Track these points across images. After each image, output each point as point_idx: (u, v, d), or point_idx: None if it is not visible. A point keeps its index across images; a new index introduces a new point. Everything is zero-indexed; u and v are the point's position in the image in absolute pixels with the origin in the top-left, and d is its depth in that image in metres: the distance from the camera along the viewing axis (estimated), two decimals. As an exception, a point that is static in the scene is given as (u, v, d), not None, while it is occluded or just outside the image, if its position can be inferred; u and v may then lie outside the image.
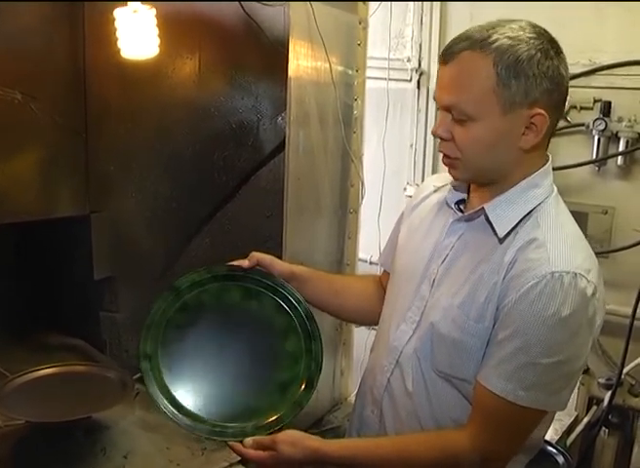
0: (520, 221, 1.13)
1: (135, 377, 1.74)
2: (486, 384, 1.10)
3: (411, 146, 2.83)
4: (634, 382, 2.31)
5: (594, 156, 2.33)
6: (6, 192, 1.88)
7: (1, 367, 1.94)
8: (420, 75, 2.77)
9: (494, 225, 1.14)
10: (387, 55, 2.75)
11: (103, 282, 2.20)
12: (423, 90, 2.77)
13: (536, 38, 1.08)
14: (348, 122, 1.93)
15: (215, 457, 1.71)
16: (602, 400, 2.35)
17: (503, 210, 1.14)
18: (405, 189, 2.85)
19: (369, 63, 2.06)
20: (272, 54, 1.82)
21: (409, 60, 2.78)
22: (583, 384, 2.38)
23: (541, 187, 1.15)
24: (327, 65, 1.76)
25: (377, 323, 1.40)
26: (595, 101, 2.33)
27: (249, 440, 1.18)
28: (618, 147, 2.29)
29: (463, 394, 1.17)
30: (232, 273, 1.33)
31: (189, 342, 1.30)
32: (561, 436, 2.18)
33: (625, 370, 2.27)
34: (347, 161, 1.96)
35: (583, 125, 2.33)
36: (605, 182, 2.37)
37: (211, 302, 1.33)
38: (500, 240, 1.14)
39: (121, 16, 1.75)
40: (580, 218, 2.31)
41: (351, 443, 1.28)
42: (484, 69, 1.06)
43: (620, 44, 2.27)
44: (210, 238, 2.11)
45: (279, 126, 1.92)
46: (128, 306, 2.22)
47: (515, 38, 1.07)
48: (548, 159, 1.18)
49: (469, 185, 1.24)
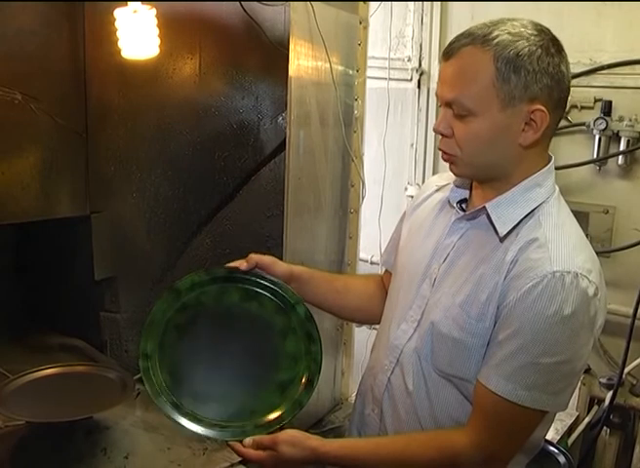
0: (521, 221, 1.13)
1: (135, 378, 1.74)
2: (486, 384, 1.10)
3: (411, 146, 2.83)
4: (635, 382, 2.31)
5: (595, 155, 2.33)
6: (6, 193, 1.88)
7: (1, 367, 1.94)
8: (421, 75, 2.76)
9: (495, 224, 1.14)
10: (388, 54, 2.75)
11: (104, 282, 2.20)
12: (424, 89, 2.77)
13: (537, 35, 1.08)
14: (349, 122, 1.93)
15: (216, 457, 1.71)
16: (603, 400, 2.34)
17: (505, 209, 1.14)
18: (406, 189, 2.85)
19: (369, 63, 2.06)
20: (273, 54, 1.82)
21: (409, 60, 2.77)
22: (585, 384, 2.38)
23: (543, 187, 1.15)
24: (327, 65, 1.76)
25: (378, 322, 1.40)
26: (596, 101, 2.33)
27: (249, 440, 1.18)
28: (618, 147, 2.29)
29: (464, 394, 1.17)
30: (231, 275, 1.33)
31: (189, 343, 1.30)
32: (562, 436, 2.18)
33: (627, 370, 2.26)
34: (348, 161, 1.96)
35: (584, 124, 2.33)
36: (606, 182, 2.37)
37: (210, 303, 1.33)
38: (501, 239, 1.14)
39: (121, 16, 1.75)
40: (581, 218, 2.31)
41: (351, 442, 1.28)
42: (484, 64, 1.06)
43: (621, 43, 2.27)
44: (210, 238, 2.11)
45: (279, 126, 1.92)
46: (128, 306, 2.22)
47: (516, 34, 1.07)
48: (551, 159, 1.18)
49: (471, 184, 1.24)
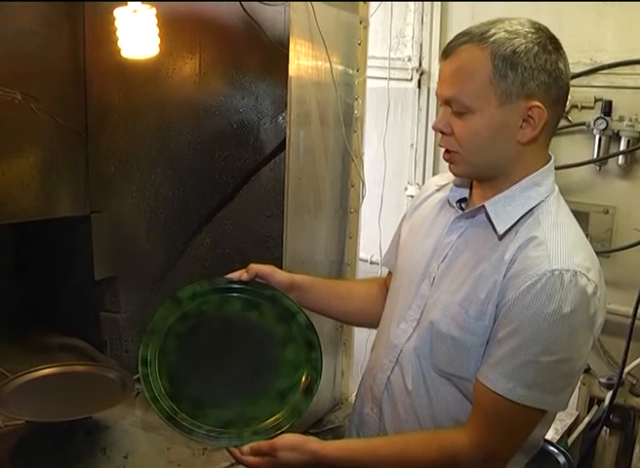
0: (520, 219, 1.13)
1: (135, 377, 1.74)
2: (486, 383, 1.09)
3: (412, 146, 2.83)
4: (635, 382, 2.30)
5: (595, 155, 2.33)
6: (6, 192, 1.88)
7: (1, 367, 1.95)
8: (421, 75, 2.76)
9: (493, 222, 1.14)
10: (388, 54, 2.75)
11: (104, 282, 2.20)
12: (424, 89, 2.77)
13: (534, 33, 1.09)
14: (349, 121, 1.93)
15: (215, 457, 1.71)
16: (603, 399, 2.34)
17: (504, 207, 1.14)
18: (406, 189, 2.85)
19: (369, 63, 2.06)
20: (273, 53, 1.82)
21: (409, 60, 2.77)
22: (584, 384, 2.38)
23: (543, 186, 1.15)
24: (327, 65, 1.76)
25: None
26: (596, 101, 2.33)
27: (246, 447, 1.17)
28: (619, 146, 2.29)
29: (463, 393, 1.17)
30: (232, 285, 1.34)
31: (189, 350, 1.30)
32: (562, 436, 2.18)
33: (626, 370, 2.26)
34: (348, 161, 1.96)
35: (584, 124, 2.33)
36: (606, 182, 2.37)
37: (211, 313, 1.33)
38: (500, 237, 1.14)
39: (121, 16, 1.75)
40: (581, 218, 2.31)
41: (350, 444, 1.27)
42: (481, 61, 1.07)
43: (621, 43, 2.27)
44: (210, 238, 2.11)
45: (280, 126, 1.93)
46: (128, 306, 2.22)
47: (513, 32, 1.08)
48: (550, 158, 1.18)
49: (471, 184, 1.24)
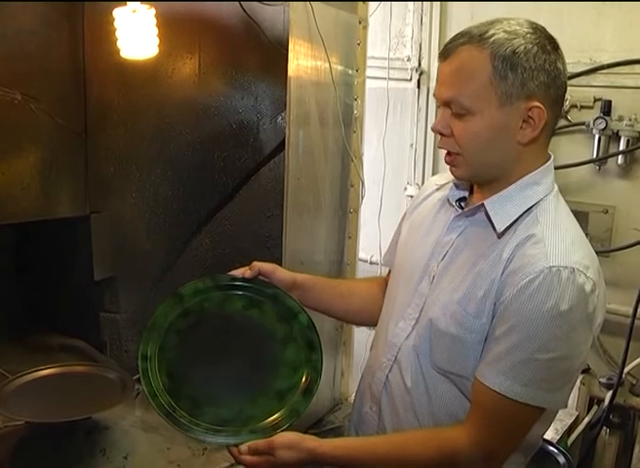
0: (519, 218, 1.13)
1: (135, 378, 1.74)
2: (484, 380, 1.10)
3: (411, 146, 2.83)
4: (635, 382, 2.30)
5: (595, 155, 2.33)
6: (6, 193, 1.88)
7: (1, 367, 1.94)
8: (421, 75, 2.76)
9: (493, 221, 1.14)
10: (387, 54, 2.75)
11: (104, 282, 2.20)
12: (424, 89, 2.76)
13: (532, 33, 1.09)
14: (348, 122, 1.93)
15: (215, 457, 1.71)
16: (603, 399, 2.34)
17: (503, 205, 1.14)
18: (405, 189, 2.85)
19: (369, 63, 2.06)
20: (272, 53, 1.82)
21: (409, 60, 2.77)
22: (584, 384, 2.37)
23: (542, 185, 1.15)
24: (327, 65, 1.76)
25: None
26: (596, 100, 2.32)
27: (244, 447, 1.17)
28: (618, 146, 2.28)
29: (462, 391, 1.17)
30: (235, 282, 1.34)
31: (189, 347, 1.30)
32: (562, 436, 2.18)
33: (626, 370, 2.26)
34: (347, 161, 1.96)
35: (584, 124, 2.33)
36: (605, 181, 2.37)
37: (213, 310, 1.33)
38: (499, 236, 1.14)
39: (120, 16, 1.75)
40: (581, 218, 2.30)
41: (348, 442, 1.27)
42: (481, 62, 1.07)
43: (621, 43, 2.27)
44: (210, 238, 2.11)
45: (279, 126, 1.93)
46: (128, 307, 2.22)
47: (512, 32, 1.08)
48: (550, 158, 1.18)
49: (471, 183, 1.24)
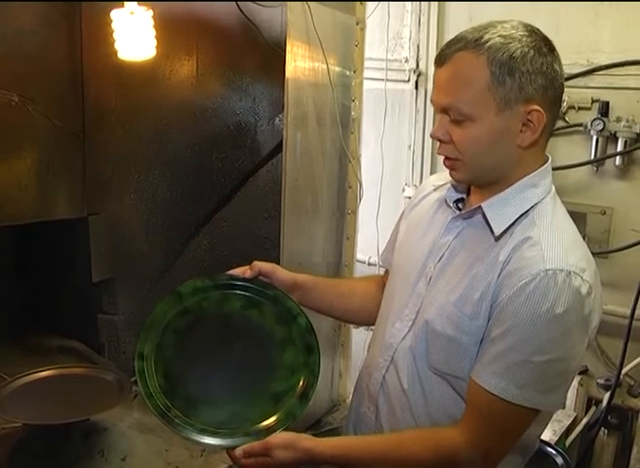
0: (517, 220, 1.13)
1: (132, 379, 1.74)
2: (479, 381, 1.10)
3: (409, 147, 2.83)
4: (633, 383, 2.31)
5: (592, 156, 2.33)
6: (4, 194, 1.88)
7: (-1, 369, 1.94)
8: (418, 76, 2.76)
9: (490, 223, 1.14)
10: (385, 55, 2.75)
11: (102, 284, 2.19)
12: (421, 90, 2.77)
13: (528, 36, 1.09)
14: (346, 123, 1.93)
15: (214, 459, 1.70)
16: (601, 400, 2.34)
17: (500, 208, 1.14)
18: (403, 190, 2.85)
19: (366, 64, 2.06)
20: (270, 55, 1.82)
21: (407, 61, 2.77)
22: (582, 385, 2.38)
23: (539, 187, 1.15)
24: (324, 66, 1.76)
25: None
26: (593, 101, 2.33)
27: (239, 450, 1.17)
28: (616, 147, 2.29)
29: (458, 391, 1.17)
30: (234, 282, 1.33)
31: (186, 347, 1.30)
32: (560, 437, 2.18)
33: (624, 371, 2.26)
34: (345, 162, 1.96)
35: (581, 125, 2.33)
36: (603, 183, 2.37)
37: (211, 309, 1.32)
38: (497, 238, 1.14)
39: (118, 17, 1.75)
40: (579, 219, 2.31)
41: (344, 441, 1.27)
42: (478, 68, 1.07)
43: (618, 44, 2.27)
44: (208, 239, 2.10)
45: (277, 127, 1.92)
46: (126, 308, 2.22)
47: (508, 36, 1.08)
48: (548, 159, 1.18)
49: (469, 184, 1.24)
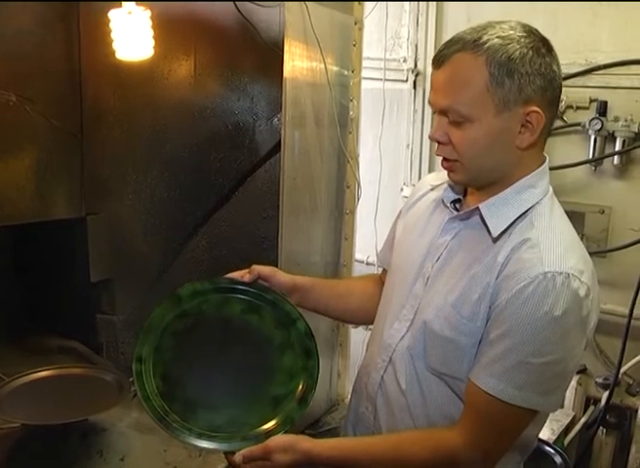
0: (514, 222, 1.13)
1: (131, 379, 1.74)
2: (477, 383, 1.10)
3: (407, 147, 2.83)
4: (632, 382, 2.31)
5: (591, 156, 2.34)
6: (2, 194, 1.88)
7: (-2, 369, 1.94)
8: (417, 76, 2.76)
9: (488, 225, 1.14)
10: (383, 55, 2.75)
11: (100, 284, 2.19)
12: (420, 90, 2.77)
13: (526, 37, 1.08)
14: (344, 123, 1.93)
15: (212, 459, 1.70)
16: (599, 399, 2.34)
17: (498, 209, 1.14)
18: (401, 190, 2.85)
19: (365, 64, 2.06)
20: (268, 55, 1.82)
21: (405, 61, 2.77)
22: (581, 384, 2.38)
23: (537, 188, 1.15)
24: (322, 66, 1.76)
25: None
26: (591, 101, 2.33)
27: (238, 456, 1.17)
28: (614, 147, 2.29)
29: (456, 392, 1.17)
30: (234, 286, 1.32)
31: (185, 350, 1.30)
32: (558, 436, 2.18)
33: (623, 370, 2.27)
34: (343, 162, 1.96)
35: (580, 124, 2.34)
36: (601, 182, 2.37)
37: (210, 313, 1.32)
38: (494, 239, 1.14)
39: (116, 17, 1.75)
40: (577, 218, 2.33)
41: (343, 443, 1.27)
42: (477, 69, 1.06)
43: (616, 44, 2.28)
44: (206, 239, 2.10)
45: (275, 127, 1.92)
46: (125, 308, 2.22)
47: (506, 37, 1.07)
48: (545, 160, 1.18)
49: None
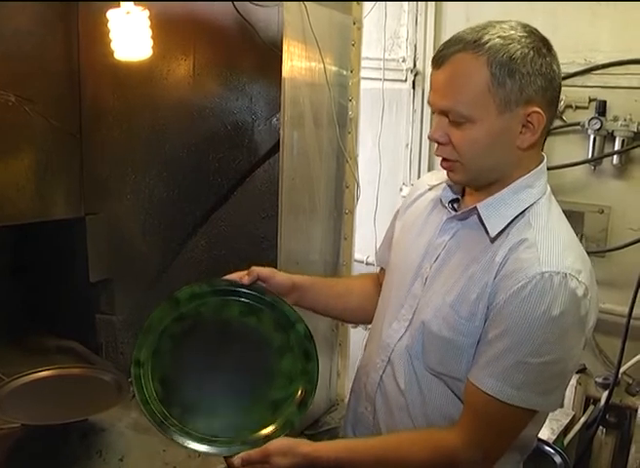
0: (512, 221, 1.13)
1: (130, 380, 1.74)
2: (476, 383, 1.10)
3: (406, 147, 2.83)
4: (631, 381, 2.31)
5: (590, 155, 2.34)
6: (1, 194, 1.88)
7: (-3, 370, 1.94)
8: (416, 75, 2.77)
9: (486, 225, 1.14)
10: (382, 55, 2.75)
11: (100, 284, 2.20)
12: (419, 90, 2.77)
13: (527, 36, 1.08)
14: (343, 123, 1.93)
15: (211, 459, 1.70)
16: (599, 399, 2.34)
17: (496, 209, 1.14)
18: (401, 189, 2.85)
19: (364, 64, 2.06)
20: (266, 55, 1.82)
21: (404, 61, 2.78)
22: (580, 384, 2.38)
23: (535, 187, 1.15)
24: (321, 66, 1.76)
25: None
26: (591, 101, 2.33)
27: (237, 459, 1.16)
28: (613, 146, 2.29)
29: (455, 392, 1.17)
30: (233, 288, 1.32)
31: (184, 353, 1.29)
32: (558, 436, 2.18)
33: (622, 370, 2.27)
34: (342, 161, 1.96)
35: (579, 124, 2.34)
36: (601, 182, 2.37)
37: (209, 315, 1.31)
38: (492, 239, 1.14)
39: (114, 17, 1.75)
40: (576, 218, 2.34)
41: (342, 445, 1.26)
42: (478, 70, 1.06)
43: (615, 43, 2.28)
44: (205, 239, 2.10)
45: (274, 127, 1.92)
46: (124, 308, 2.22)
47: (507, 37, 1.07)
48: (543, 159, 1.18)
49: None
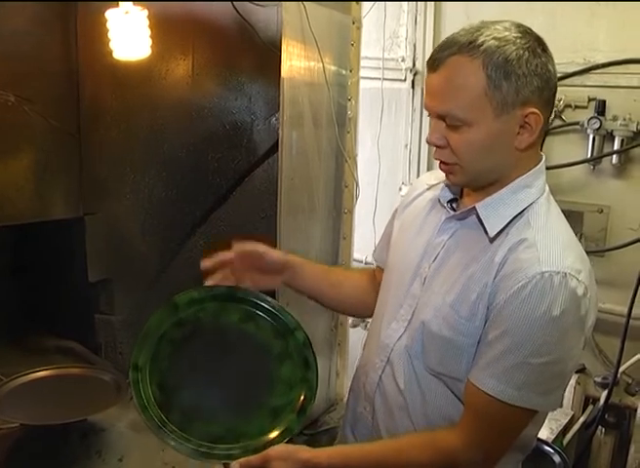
0: (511, 221, 1.13)
1: (129, 380, 1.74)
2: (477, 384, 1.10)
3: (405, 146, 2.83)
4: (630, 381, 2.31)
5: (589, 155, 2.34)
6: (1, 194, 1.88)
7: (-4, 370, 1.94)
8: (415, 75, 2.76)
9: (485, 225, 1.14)
10: (382, 54, 2.75)
11: (99, 284, 2.19)
12: (418, 90, 2.77)
13: (522, 37, 1.07)
14: (342, 122, 1.93)
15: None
16: (598, 399, 2.34)
17: (495, 209, 1.14)
18: (400, 189, 2.85)
19: (363, 63, 2.06)
20: (265, 54, 1.82)
21: (403, 60, 2.77)
22: (580, 383, 2.38)
23: (534, 187, 1.15)
24: (320, 66, 1.76)
25: (372, 315, 1.40)
26: (590, 100, 2.33)
27: (236, 463, 1.16)
28: (612, 146, 2.29)
29: (455, 392, 1.17)
30: (232, 294, 1.32)
31: (182, 358, 1.28)
32: (557, 435, 2.18)
33: (622, 369, 2.27)
34: (341, 161, 1.96)
35: (578, 124, 2.34)
36: (600, 181, 2.37)
37: (208, 321, 1.31)
38: (491, 239, 1.14)
39: (113, 17, 1.75)
40: (576, 217, 2.34)
41: (342, 450, 1.26)
42: (474, 72, 1.05)
43: (615, 43, 2.28)
44: (204, 239, 2.10)
45: (273, 127, 1.92)
46: (123, 308, 2.22)
47: (502, 39, 1.06)
48: (541, 159, 1.18)
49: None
